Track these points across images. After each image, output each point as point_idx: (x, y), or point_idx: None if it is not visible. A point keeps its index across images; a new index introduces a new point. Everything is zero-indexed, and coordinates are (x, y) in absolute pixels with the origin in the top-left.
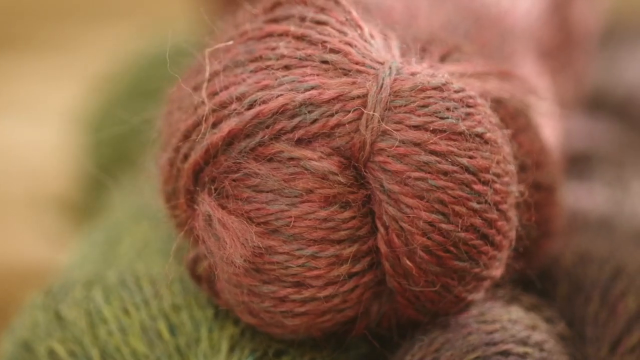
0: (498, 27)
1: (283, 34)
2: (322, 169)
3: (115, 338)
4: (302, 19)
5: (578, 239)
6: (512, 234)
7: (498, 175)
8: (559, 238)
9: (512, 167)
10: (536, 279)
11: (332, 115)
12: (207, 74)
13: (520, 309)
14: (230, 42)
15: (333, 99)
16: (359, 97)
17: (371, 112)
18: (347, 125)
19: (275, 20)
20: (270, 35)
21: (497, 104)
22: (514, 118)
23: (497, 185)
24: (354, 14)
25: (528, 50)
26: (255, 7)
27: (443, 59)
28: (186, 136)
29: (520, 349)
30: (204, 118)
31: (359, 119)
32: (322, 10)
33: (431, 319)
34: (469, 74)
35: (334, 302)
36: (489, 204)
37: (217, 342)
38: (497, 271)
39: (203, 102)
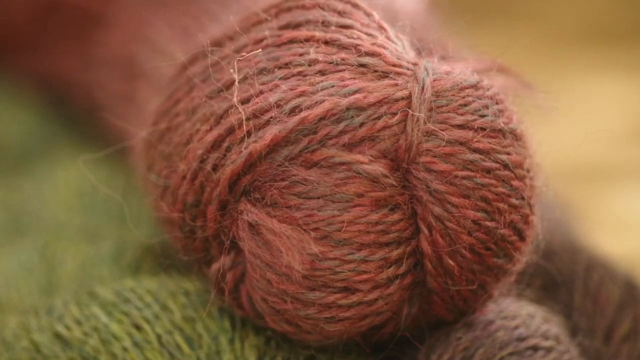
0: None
1: (309, 39)
2: (374, 172)
3: (132, 354)
4: (326, 23)
5: None
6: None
7: (528, 170)
8: None
9: (536, 162)
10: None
11: (378, 118)
12: (236, 82)
13: (529, 303)
14: (259, 51)
15: (378, 101)
16: (402, 98)
17: (416, 113)
18: (394, 127)
19: (293, 26)
20: (292, 41)
21: None
22: None
23: (528, 180)
24: (376, 15)
25: None
26: (258, 13)
27: (444, 57)
28: (214, 146)
29: (547, 343)
30: (240, 126)
31: (404, 120)
32: (343, 13)
33: (458, 317)
34: (475, 70)
35: (377, 305)
36: (524, 199)
37: (241, 353)
38: (520, 266)
39: (235, 111)
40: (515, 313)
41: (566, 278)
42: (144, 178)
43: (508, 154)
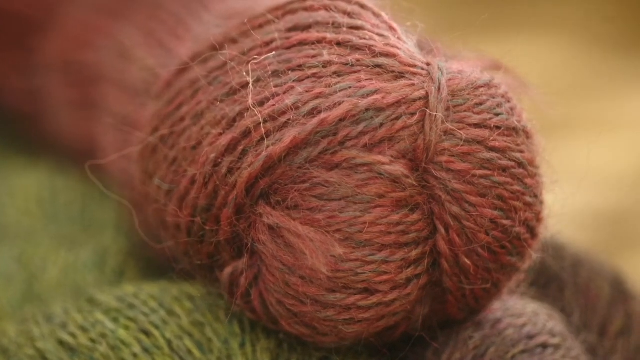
0: None
1: (320, 41)
2: (395, 173)
3: None
4: (337, 25)
5: None
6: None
7: (538, 167)
8: None
9: (542, 158)
10: None
11: (397, 118)
12: (250, 85)
13: (531, 301)
14: (273, 54)
15: (397, 102)
16: (420, 98)
17: (434, 113)
18: (413, 127)
19: (302, 28)
20: (303, 43)
21: None
22: None
23: (539, 178)
24: (385, 16)
25: None
26: (263, 15)
27: (449, 56)
28: (228, 150)
29: (555, 340)
30: (257, 129)
31: (422, 120)
32: (352, 14)
33: (468, 316)
34: (479, 69)
35: (395, 305)
36: (537, 196)
37: (253, 357)
38: (530, 263)
39: (250, 113)
40: (521, 311)
41: (555, 275)
42: (144, 183)
43: (521, 151)
